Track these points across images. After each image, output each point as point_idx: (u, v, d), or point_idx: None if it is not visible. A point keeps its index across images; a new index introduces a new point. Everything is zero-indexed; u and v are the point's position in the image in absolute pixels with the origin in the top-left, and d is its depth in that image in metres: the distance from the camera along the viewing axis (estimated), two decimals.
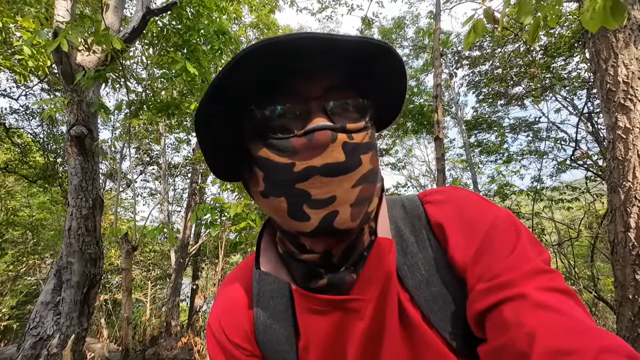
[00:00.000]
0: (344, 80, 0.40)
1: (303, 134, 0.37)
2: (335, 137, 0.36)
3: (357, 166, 0.38)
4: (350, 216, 0.37)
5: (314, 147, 0.36)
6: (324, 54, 0.36)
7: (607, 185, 2.26)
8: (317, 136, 0.36)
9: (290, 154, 0.37)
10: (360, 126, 0.39)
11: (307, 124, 0.38)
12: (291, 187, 0.38)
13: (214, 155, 0.46)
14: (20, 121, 8.49)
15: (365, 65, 0.39)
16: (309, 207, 0.37)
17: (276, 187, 0.39)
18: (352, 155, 0.37)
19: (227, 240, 7.88)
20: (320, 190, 0.36)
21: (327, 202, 0.37)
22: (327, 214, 0.37)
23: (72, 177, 3.19)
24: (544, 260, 0.37)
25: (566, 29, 6.30)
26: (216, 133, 0.43)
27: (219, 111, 0.40)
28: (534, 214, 6.00)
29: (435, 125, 3.83)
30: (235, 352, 0.46)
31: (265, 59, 0.35)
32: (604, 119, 2.27)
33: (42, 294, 3.10)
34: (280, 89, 0.39)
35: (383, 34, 11.94)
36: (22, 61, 4.77)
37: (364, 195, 0.38)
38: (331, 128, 0.36)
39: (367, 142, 0.39)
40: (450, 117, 11.93)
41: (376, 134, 0.47)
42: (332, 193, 0.36)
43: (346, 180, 0.37)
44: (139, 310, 9.82)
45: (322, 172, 0.36)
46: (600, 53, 2.21)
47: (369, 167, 0.39)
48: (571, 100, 8.03)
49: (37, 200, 9.82)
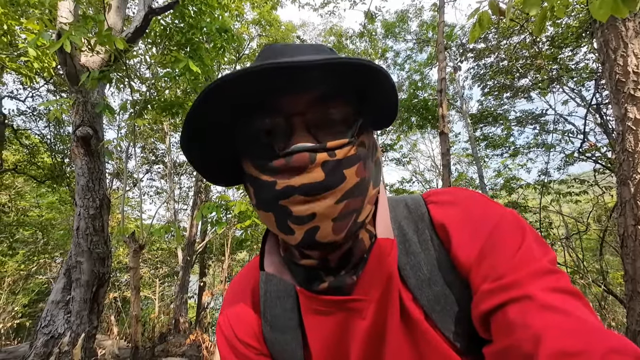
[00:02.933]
0: (328, 91, 0.39)
1: (283, 156, 0.37)
2: (314, 158, 0.37)
3: (339, 183, 0.37)
4: (332, 230, 0.38)
5: (292, 169, 0.37)
6: (297, 76, 0.36)
7: (617, 178, 2.22)
8: (295, 158, 0.36)
9: (272, 172, 0.38)
10: (342, 142, 0.38)
11: (289, 142, 0.38)
12: (275, 203, 0.39)
13: (206, 170, 0.47)
14: (28, 122, 8.60)
15: (345, 76, 0.38)
16: (292, 223, 0.38)
17: (264, 203, 0.41)
18: (332, 174, 0.37)
19: (233, 237, 7.94)
20: (301, 207, 0.37)
21: (308, 219, 0.37)
22: (308, 229, 0.38)
23: (79, 177, 3.23)
24: (550, 261, 0.36)
25: (573, 18, 6.18)
26: (206, 154, 0.44)
27: (205, 136, 0.42)
28: (542, 208, 5.93)
29: (440, 120, 3.79)
30: (245, 350, 0.48)
31: (239, 88, 0.36)
32: (613, 110, 2.22)
33: (52, 293, 3.15)
34: (262, 107, 0.39)
35: (386, 28, 11.83)
36: (27, 63, 4.82)
37: (349, 209, 0.38)
38: (309, 149, 0.37)
39: (352, 155, 0.39)
40: (455, 111, 11.82)
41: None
42: (312, 210, 0.37)
43: (328, 198, 0.37)
44: (148, 307, 9.97)
45: (300, 191, 0.37)
46: (609, 43, 2.16)
47: (355, 180, 0.39)
48: (579, 92, 7.90)
49: (46, 200, 9.98)
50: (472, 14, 1.87)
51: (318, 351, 0.43)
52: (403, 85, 12.54)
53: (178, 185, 11.66)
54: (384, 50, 12.26)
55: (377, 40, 11.88)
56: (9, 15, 4.39)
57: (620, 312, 6.49)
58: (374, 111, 0.44)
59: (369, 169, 0.41)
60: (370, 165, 0.42)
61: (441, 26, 4.26)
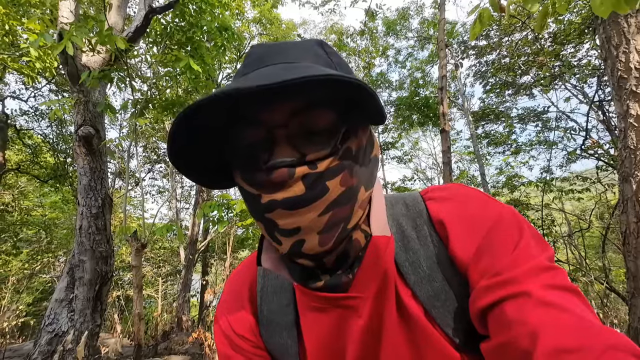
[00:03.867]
0: (309, 101, 0.38)
1: (264, 170, 0.38)
2: (293, 173, 0.36)
3: (321, 195, 0.37)
4: (318, 243, 0.38)
5: (274, 184, 0.37)
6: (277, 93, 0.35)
7: (619, 175, 2.21)
8: (275, 174, 0.37)
9: (257, 186, 0.39)
10: (323, 154, 0.38)
11: (271, 155, 0.38)
12: (262, 216, 0.39)
13: (199, 178, 0.47)
14: (30, 122, 8.65)
15: (324, 85, 0.36)
16: (279, 235, 0.39)
17: (253, 213, 0.42)
18: (313, 187, 0.37)
19: (234, 236, 7.96)
20: (286, 221, 0.38)
21: (293, 232, 0.38)
22: (294, 242, 0.38)
23: (81, 177, 3.25)
24: (548, 258, 0.36)
25: (576, 15, 6.14)
26: (197, 165, 0.44)
27: (194, 149, 0.42)
28: (544, 205, 5.91)
29: (441, 118, 3.78)
30: (241, 343, 0.48)
31: (213, 111, 0.36)
32: (615, 107, 2.21)
33: (56, 292, 3.18)
34: (245, 119, 0.39)
35: (387, 26, 11.79)
36: (29, 63, 4.84)
37: (336, 219, 0.38)
38: (288, 164, 0.37)
39: (335, 165, 0.38)
40: (456, 108, 11.79)
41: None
42: (297, 224, 0.37)
43: (311, 211, 0.37)
44: (151, 305, 10.03)
45: (282, 205, 0.37)
46: (611, 39, 2.14)
47: (340, 190, 0.38)
48: (581, 89, 7.85)
49: (49, 199, 10.04)
50: (473, 10, 1.86)
51: (314, 347, 0.43)
52: (404, 83, 12.51)
53: (180, 184, 11.68)
54: (385, 48, 12.22)
55: (378, 38, 11.83)
56: (10, 16, 4.40)
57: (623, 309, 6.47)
58: (363, 113, 0.43)
59: (357, 175, 0.40)
60: (360, 170, 0.41)
61: (442, 23, 4.24)
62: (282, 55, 0.41)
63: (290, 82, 0.31)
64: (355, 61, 11.53)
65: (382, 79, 12.48)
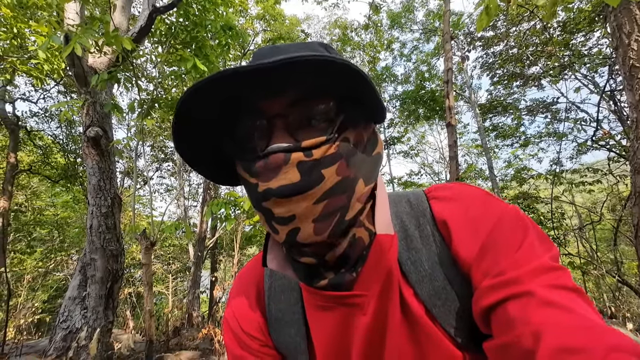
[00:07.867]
0: (307, 91, 0.38)
1: (262, 157, 0.38)
2: (289, 158, 0.36)
3: (316, 183, 0.37)
4: (313, 232, 0.38)
5: (269, 170, 0.37)
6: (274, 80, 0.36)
7: (631, 166, 2.16)
8: (271, 159, 0.37)
9: (255, 175, 0.39)
10: (319, 141, 0.37)
11: (269, 143, 0.38)
12: (260, 205, 0.39)
13: (204, 170, 0.48)
14: (40, 124, 8.79)
15: (321, 74, 0.36)
16: (276, 223, 0.39)
17: (253, 203, 0.42)
18: (309, 174, 0.37)
19: (242, 233, 8.03)
20: (281, 209, 0.38)
21: (288, 220, 0.38)
22: (289, 230, 0.38)
23: (91, 177, 3.30)
24: (552, 257, 0.36)
25: (585, 2, 5.98)
26: (201, 156, 0.45)
27: (197, 139, 0.42)
28: (554, 198, 5.82)
29: (447, 112, 3.74)
30: (250, 342, 0.49)
31: (214, 93, 0.36)
32: (627, 97, 2.16)
33: (69, 290, 3.25)
34: (244, 108, 0.39)
35: (392, 19, 11.66)
36: (38, 65, 4.90)
37: (332, 209, 0.38)
38: (284, 150, 0.37)
39: (331, 154, 0.38)
40: (463, 101, 11.64)
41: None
42: (292, 212, 0.37)
43: (306, 199, 0.37)
44: (162, 302, 10.19)
45: (277, 194, 0.37)
46: (622, 27, 2.09)
47: (336, 179, 0.38)
48: (592, 79, 7.68)
49: (60, 199, 10.23)
50: (480, 3, 1.83)
51: (321, 344, 0.44)
52: (410, 76, 12.38)
53: (187, 182, 11.80)
54: (390, 41, 12.09)
55: (383, 31, 11.71)
56: (18, 19, 4.46)
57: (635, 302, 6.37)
58: (364, 109, 0.43)
59: (355, 167, 0.40)
60: (359, 162, 0.41)
61: (447, 15, 4.18)
62: (284, 52, 0.41)
63: (286, 60, 0.32)
64: (360, 55, 11.43)
65: (387, 72, 12.37)
